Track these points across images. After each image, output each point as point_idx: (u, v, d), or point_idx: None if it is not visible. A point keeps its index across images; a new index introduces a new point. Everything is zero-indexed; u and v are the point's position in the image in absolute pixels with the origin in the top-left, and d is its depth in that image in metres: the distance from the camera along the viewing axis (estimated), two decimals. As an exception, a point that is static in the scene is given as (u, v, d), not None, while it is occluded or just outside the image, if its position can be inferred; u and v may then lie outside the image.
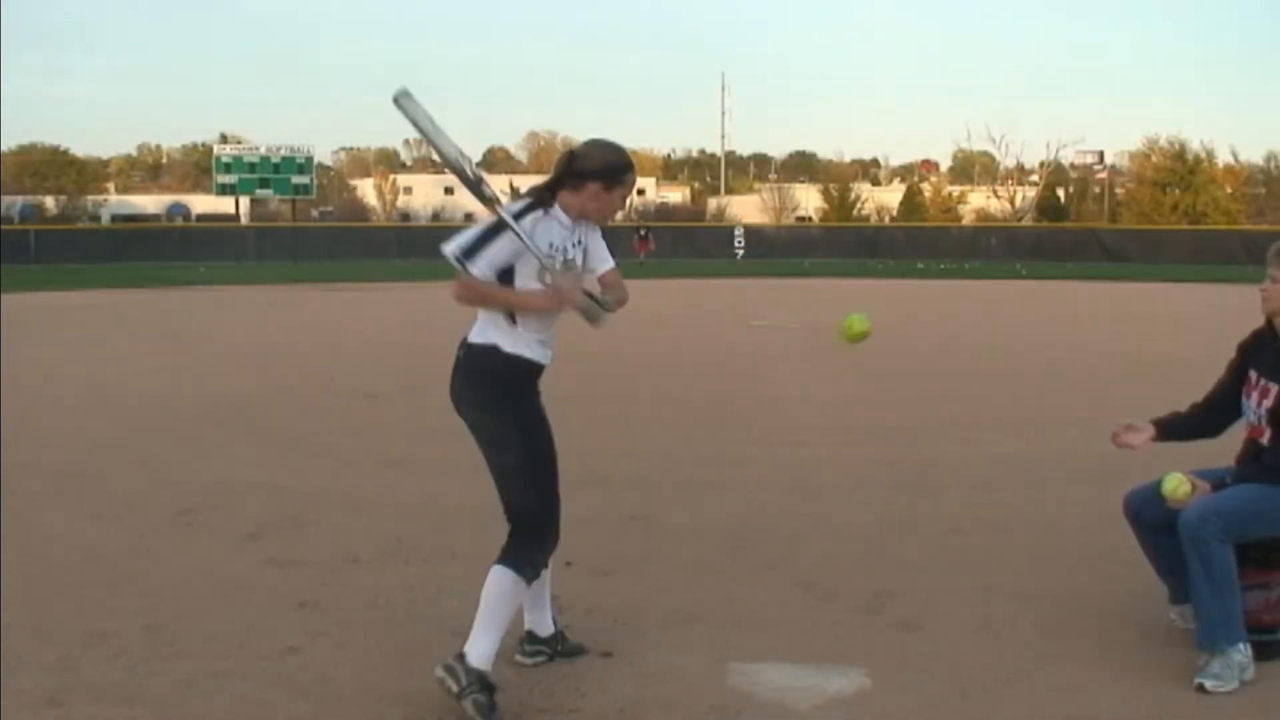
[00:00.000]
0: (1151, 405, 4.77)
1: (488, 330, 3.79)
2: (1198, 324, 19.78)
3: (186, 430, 8.93)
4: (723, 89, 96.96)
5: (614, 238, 3.73)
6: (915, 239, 54.92)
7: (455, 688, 3.60)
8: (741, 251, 52.61)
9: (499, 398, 3.78)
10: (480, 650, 3.66)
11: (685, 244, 52.62)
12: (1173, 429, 4.40)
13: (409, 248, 48.90)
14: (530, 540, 3.77)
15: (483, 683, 3.62)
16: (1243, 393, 4.29)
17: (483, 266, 3.65)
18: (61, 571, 5.21)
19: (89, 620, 4.52)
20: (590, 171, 3.80)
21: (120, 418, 9.52)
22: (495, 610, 3.69)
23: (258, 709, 3.73)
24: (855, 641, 4.35)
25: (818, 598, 4.86)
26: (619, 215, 4.22)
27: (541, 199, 3.79)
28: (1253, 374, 4.26)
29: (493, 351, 3.75)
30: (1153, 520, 4.23)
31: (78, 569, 5.25)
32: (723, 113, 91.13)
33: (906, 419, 9.51)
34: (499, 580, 3.71)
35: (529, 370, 3.81)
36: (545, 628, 4.16)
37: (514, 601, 3.76)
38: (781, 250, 53.39)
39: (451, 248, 3.65)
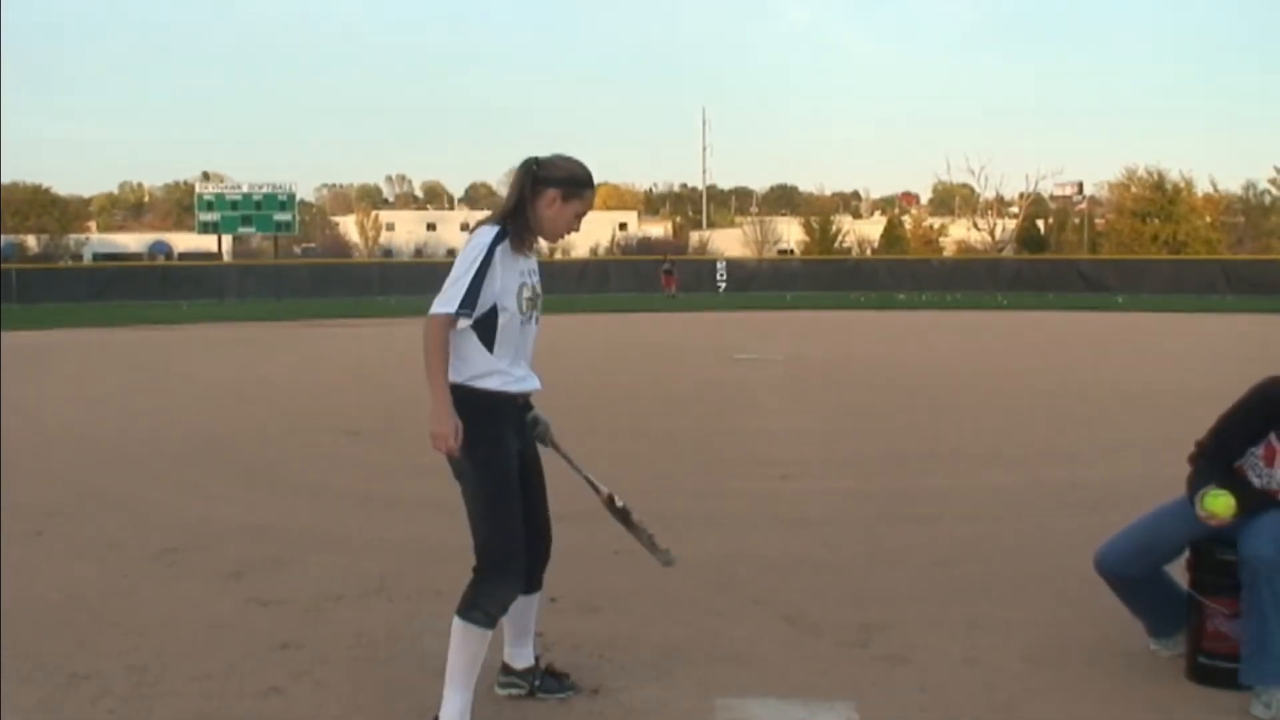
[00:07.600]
0: (1135, 435, 4.78)
1: (455, 365, 3.69)
2: (1179, 353, 19.91)
3: (169, 469, 8.87)
4: (704, 124, 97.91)
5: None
6: (896, 271, 55.18)
7: None
8: (724, 285, 52.77)
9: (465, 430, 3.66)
10: (449, 711, 3.63)
11: (667, 277, 52.71)
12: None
13: (391, 284, 48.87)
14: (482, 583, 3.66)
15: None
16: (1259, 457, 4.08)
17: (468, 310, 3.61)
18: (43, 612, 5.15)
19: (71, 661, 4.47)
20: (551, 178, 3.72)
21: (102, 456, 9.46)
22: (455, 664, 3.65)
23: (241, 751, 3.69)
24: (842, 675, 4.33)
25: (804, 631, 4.85)
26: (603, 245, 4.15)
27: (505, 221, 3.70)
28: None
29: (457, 388, 3.67)
30: (1142, 573, 4.22)
31: (59, 609, 5.20)
32: (704, 147, 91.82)
33: (891, 451, 9.52)
34: (453, 632, 3.66)
35: (496, 402, 3.71)
36: (522, 660, 4.09)
37: (469, 652, 3.64)
38: (764, 283, 53.55)
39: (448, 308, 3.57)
